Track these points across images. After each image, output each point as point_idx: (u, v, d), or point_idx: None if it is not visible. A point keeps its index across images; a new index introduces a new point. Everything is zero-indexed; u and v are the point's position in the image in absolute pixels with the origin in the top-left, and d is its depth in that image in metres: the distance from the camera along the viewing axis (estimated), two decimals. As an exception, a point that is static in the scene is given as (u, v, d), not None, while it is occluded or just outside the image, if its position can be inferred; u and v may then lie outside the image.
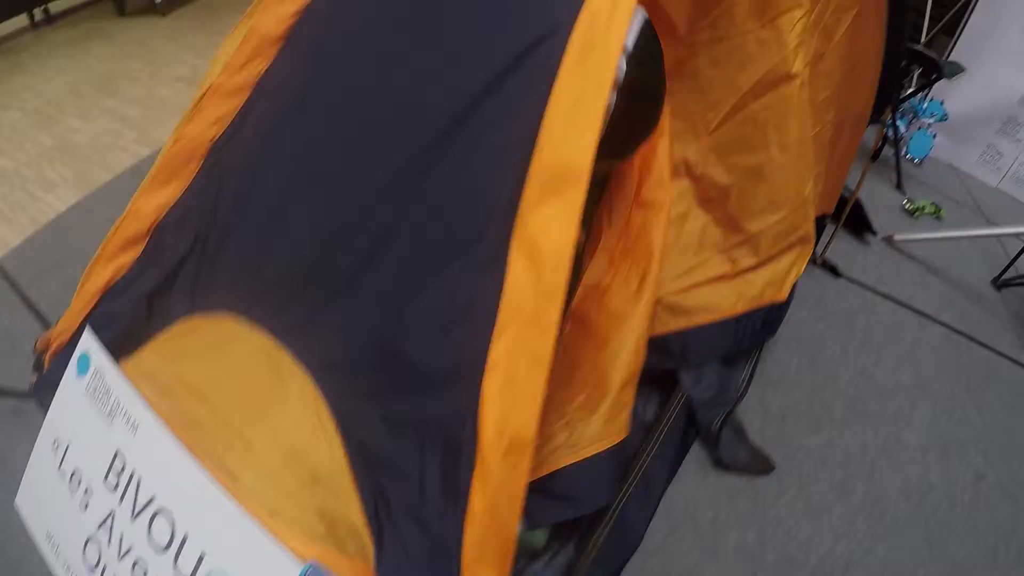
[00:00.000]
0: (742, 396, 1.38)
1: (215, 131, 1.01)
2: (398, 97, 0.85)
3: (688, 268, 1.24)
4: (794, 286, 1.28)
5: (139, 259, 1.02)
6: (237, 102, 1.00)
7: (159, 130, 2.38)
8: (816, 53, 1.22)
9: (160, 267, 0.99)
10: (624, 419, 1.04)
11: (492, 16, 0.82)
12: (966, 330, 1.95)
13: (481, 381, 0.71)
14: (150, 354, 0.96)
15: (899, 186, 2.71)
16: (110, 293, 1.02)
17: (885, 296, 1.96)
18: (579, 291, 1.10)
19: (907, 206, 2.55)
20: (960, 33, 3.06)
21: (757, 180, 1.15)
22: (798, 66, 1.10)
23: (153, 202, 1.02)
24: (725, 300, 1.24)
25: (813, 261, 1.90)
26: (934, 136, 3.03)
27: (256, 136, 0.97)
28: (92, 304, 1.02)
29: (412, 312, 0.80)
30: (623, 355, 1.01)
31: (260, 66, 1.00)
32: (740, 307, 1.25)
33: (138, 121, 2.47)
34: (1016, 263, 2.27)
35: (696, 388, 1.29)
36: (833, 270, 1.95)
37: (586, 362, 1.05)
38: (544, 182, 0.71)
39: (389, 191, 0.82)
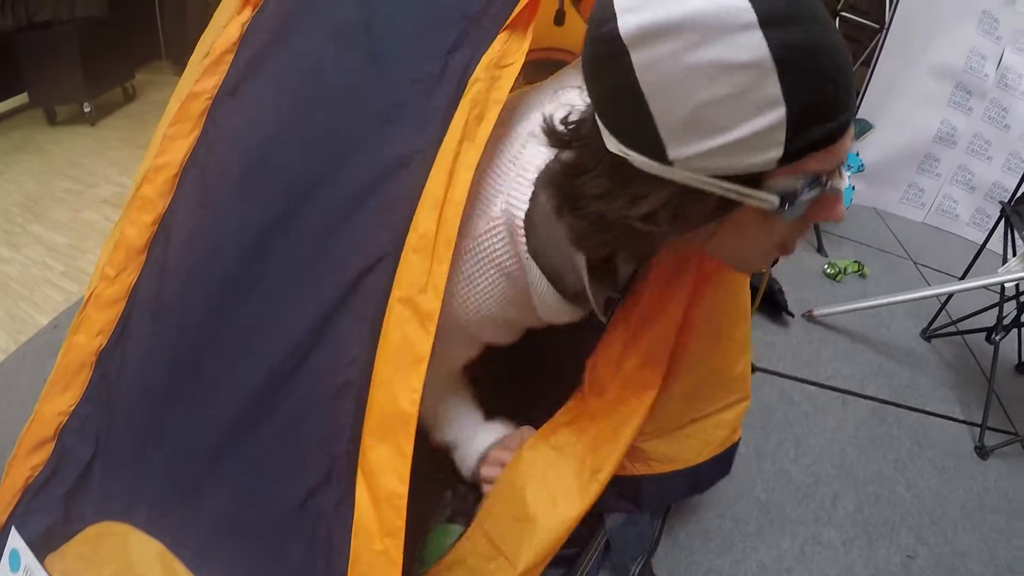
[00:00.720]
0: (660, 534, 1.32)
1: (99, 342, 1.04)
2: (231, 341, 0.89)
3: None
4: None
5: (49, 461, 1.04)
6: (116, 312, 1.03)
7: (85, 261, 2.38)
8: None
9: (69, 470, 1.02)
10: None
11: (319, 256, 0.84)
12: (893, 397, 1.98)
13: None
14: (71, 553, 0.99)
15: (820, 249, 2.77)
16: (28, 491, 1.04)
17: (804, 381, 1.97)
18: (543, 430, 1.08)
19: (828, 271, 2.59)
20: (869, 80, 3.18)
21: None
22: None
23: (55, 408, 1.05)
24: (689, 450, 1.17)
25: (727, 361, 1.91)
26: (852, 187, 3.12)
27: (133, 352, 1.00)
28: (15, 501, 1.04)
29: (274, 552, 0.81)
30: (543, 539, 0.97)
31: (131, 276, 1.02)
32: (705, 455, 1.18)
33: (65, 250, 2.47)
34: (946, 308, 2.33)
35: (623, 527, 1.19)
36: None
37: (511, 520, 1.01)
38: (377, 424, 0.74)
39: (234, 430, 0.85)
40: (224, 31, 1.05)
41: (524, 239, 0.80)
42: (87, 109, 3.52)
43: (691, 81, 0.54)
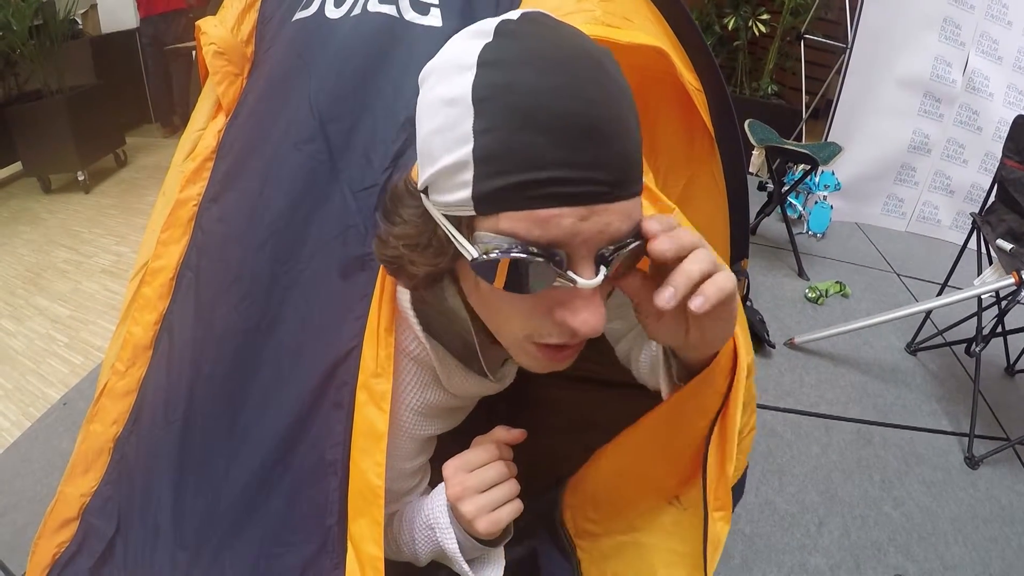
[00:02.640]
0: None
1: (115, 430, 1.11)
2: (232, 430, 0.96)
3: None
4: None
5: (75, 537, 1.11)
6: (128, 402, 1.11)
7: (88, 332, 2.45)
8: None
9: (95, 546, 1.09)
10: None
11: (297, 352, 0.91)
12: (879, 417, 2.02)
13: None
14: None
15: (800, 273, 2.82)
16: (56, 565, 1.10)
17: (787, 411, 2.00)
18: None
19: (809, 295, 2.63)
20: (837, 101, 3.25)
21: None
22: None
23: (77, 490, 1.12)
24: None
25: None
26: (831, 207, 3.17)
27: (146, 438, 1.07)
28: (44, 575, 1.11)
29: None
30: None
31: (140, 370, 1.10)
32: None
33: (68, 322, 2.53)
34: (931, 318, 2.38)
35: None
36: (730, 404, 1.97)
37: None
38: (355, 499, 0.82)
39: (242, 508, 0.93)
40: (202, 137, 1.15)
41: (416, 321, 0.82)
42: (81, 177, 3.61)
43: (426, 113, 0.60)
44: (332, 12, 1.05)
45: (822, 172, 3.16)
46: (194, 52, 1.23)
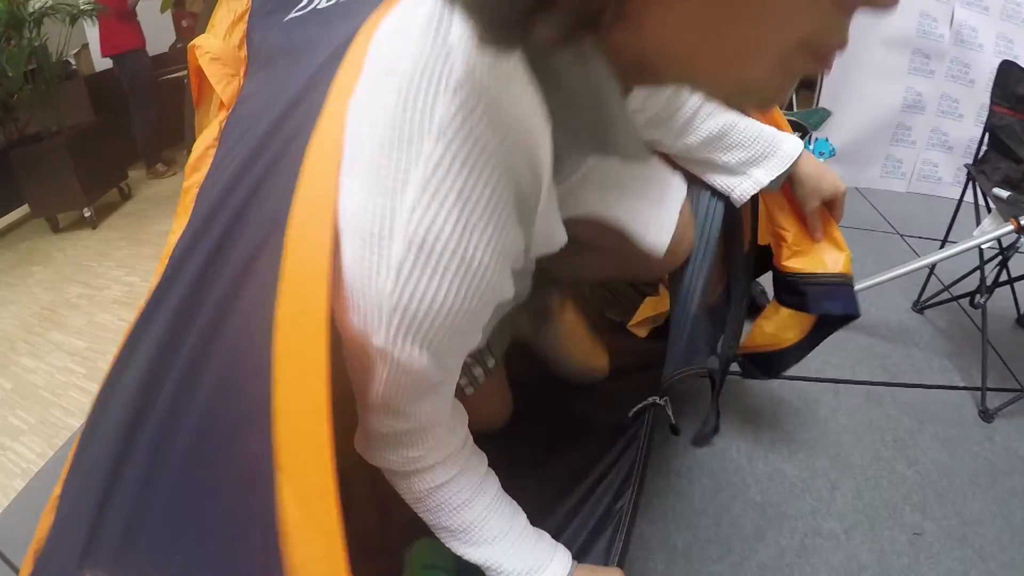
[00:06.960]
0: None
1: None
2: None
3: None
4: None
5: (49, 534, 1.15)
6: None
7: (104, 362, 2.48)
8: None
9: (64, 543, 1.13)
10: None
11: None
12: (887, 377, 2.01)
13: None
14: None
15: (800, 241, 2.79)
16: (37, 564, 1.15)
17: (793, 378, 1.97)
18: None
19: None
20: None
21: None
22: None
23: (58, 489, 1.16)
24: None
25: (712, 371, 1.95)
26: (828, 172, 3.15)
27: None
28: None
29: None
30: None
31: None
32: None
33: (85, 354, 2.60)
34: (936, 275, 2.38)
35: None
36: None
37: None
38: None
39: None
40: (206, 129, 1.18)
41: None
42: (87, 214, 3.67)
43: None
44: (323, 3, 1.07)
45: (815, 139, 3.15)
46: (185, 79, 1.25)
